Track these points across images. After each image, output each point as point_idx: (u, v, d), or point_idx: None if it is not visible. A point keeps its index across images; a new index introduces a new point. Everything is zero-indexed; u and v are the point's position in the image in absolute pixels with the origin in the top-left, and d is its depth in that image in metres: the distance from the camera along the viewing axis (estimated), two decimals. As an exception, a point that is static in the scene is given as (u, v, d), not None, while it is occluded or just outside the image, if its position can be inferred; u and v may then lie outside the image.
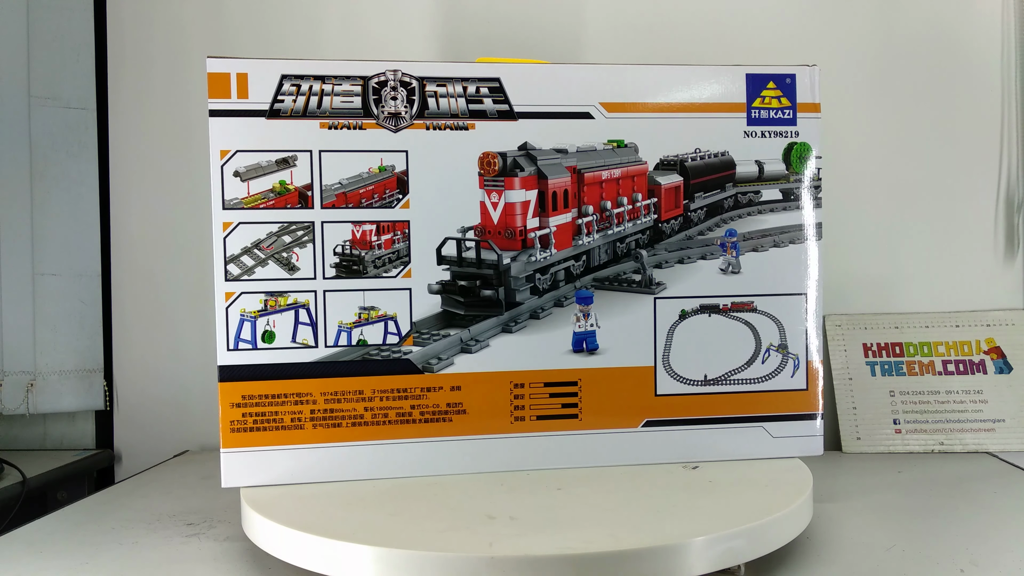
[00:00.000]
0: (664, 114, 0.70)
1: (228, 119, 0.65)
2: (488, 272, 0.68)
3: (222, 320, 0.65)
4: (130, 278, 1.08)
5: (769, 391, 0.71)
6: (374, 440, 0.67)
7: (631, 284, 0.71)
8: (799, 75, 0.71)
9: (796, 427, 0.71)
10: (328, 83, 0.66)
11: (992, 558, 0.59)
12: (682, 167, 0.71)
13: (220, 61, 0.65)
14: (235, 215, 0.65)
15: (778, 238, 0.72)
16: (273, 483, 0.66)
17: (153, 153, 1.07)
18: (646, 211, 0.72)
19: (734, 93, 0.70)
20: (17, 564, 0.63)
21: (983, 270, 0.98)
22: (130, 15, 1.07)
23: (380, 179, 0.66)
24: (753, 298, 0.71)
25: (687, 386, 0.70)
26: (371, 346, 0.67)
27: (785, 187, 0.72)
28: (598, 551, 0.50)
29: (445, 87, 0.67)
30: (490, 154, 0.67)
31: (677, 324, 0.70)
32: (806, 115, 0.71)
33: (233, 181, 0.65)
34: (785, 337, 0.71)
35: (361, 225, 0.66)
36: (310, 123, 0.66)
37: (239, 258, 0.65)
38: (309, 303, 0.66)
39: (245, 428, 0.66)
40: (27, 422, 1.08)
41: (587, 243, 0.70)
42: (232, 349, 0.66)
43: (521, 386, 0.68)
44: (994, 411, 0.92)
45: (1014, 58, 0.97)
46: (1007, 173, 0.97)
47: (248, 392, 0.66)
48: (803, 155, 0.71)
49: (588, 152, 0.69)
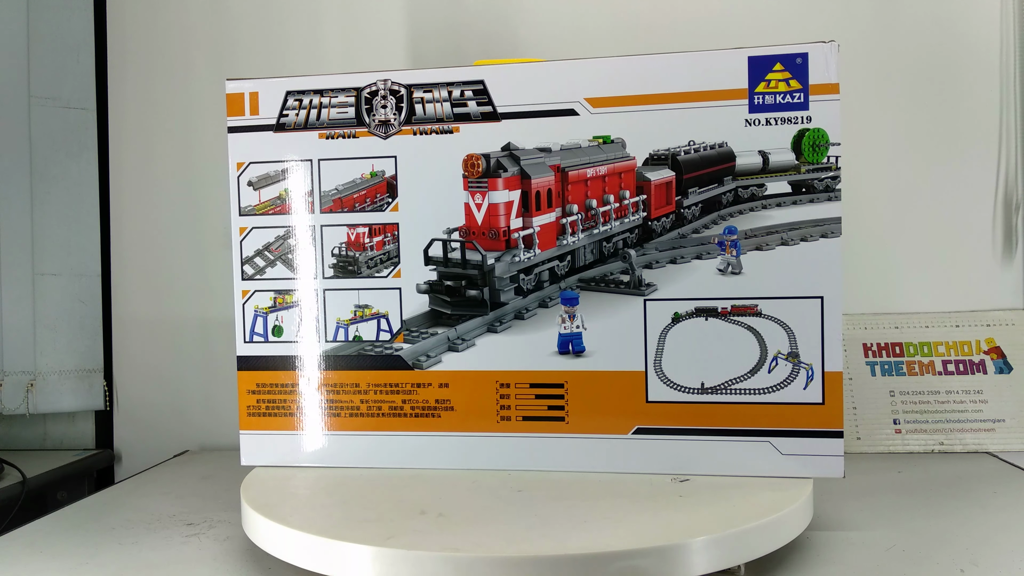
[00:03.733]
0: (653, 106, 0.66)
1: (242, 134, 0.72)
2: (473, 272, 0.69)
3: (239, 315, 0.72)
4: (130, 278, 1.08)
5: (777, 403, 0.65)
6: (369, 431, 0.70)
7: (619, 285, 0.68)
8: (812, 54, 0.63)
9: (811, 445, 0.64)
10: (326, 96, 0.70)
11: (992, 558, 0.59)
12: (674, 161, 0.66)
13: (236, 83, 0.72)
14: (249, 221, 0.72)
15: (786, 235, 0.65)
16: (282, 464, 0.71)
17: (153, 153, 1.07)
18: (634, 209, 0.68)
19: (733, 79, 0.65)
20: (17, 564, 0.63)
21: (982, 270, 0.98)
22: (130, 15, 1.07)
23: (371, 184, 0.70)
24: (757, 301, 0.65)
25: (682, 393, 0.66)
26: (366, 342, 0.70)
27: (795, 179, 0.65)
28: (598, 551, 0.50)
29: (431, 92, 0.69)
30: (474, 156, 0.68)
31: (670, 328, 0.66)
32: (822, 97, 0.63)
33: (247, 190, 0.72)
34: (796, 345, 0.64)
35: (355, 228, 0.70)
36: (310, 134, 0.70)
37: (252, 259, 0.72)
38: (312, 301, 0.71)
39: (259, 413, 0.72)
40: (27, 422, 1.08)
41: (571, 243, 0.69)
42: (248, 341, 0.72)
43: (507, 386, 0.68)
44: (994, 411, 0.92)
45: (1013, 58, 0.97)
46: (1005, 173, 0.97)
47: (261, 381, 0.72)
48: (817, 142, 0.64)
49: (572, 150, 0.67)
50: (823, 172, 0.65)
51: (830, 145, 0.64)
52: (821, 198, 0.65)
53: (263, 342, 0.72)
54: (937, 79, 0.97)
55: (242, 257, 0.72)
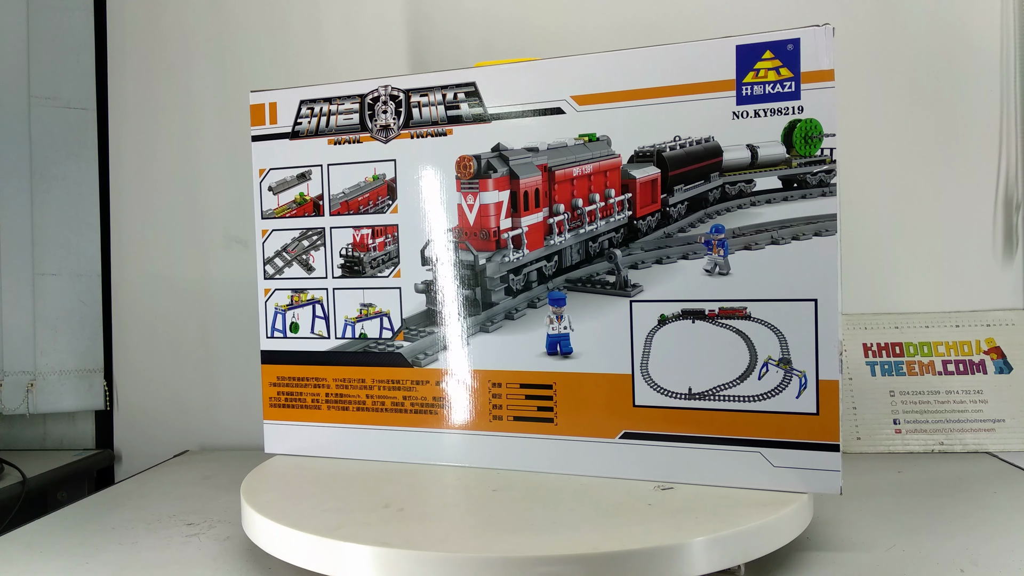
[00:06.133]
0: (638, 101, 0.63)
1: (264, 143, 0.76)
2: (466, 272, 0.69)
3: (262, 312, 0.77)
4: (130, 278, 1.08)
5: (769, 412, 0.61)
6: (373, 425, 0.73)
7: (605, 286, 0.66)
8: (805, 39, 0.60)
9: (805, 457, 0.60)
10: (334, 103, 0.73)
11: (992, 558, 0.59)
12: (659, 158, 0.64)
13: (258, 94, 0.76)
14: (269, 224, 0.76)
15: (777, 234, 0.61)
16: (298, 453, 0.76)
17: (153, 153, 1.07)
18: (619, 207, 0.66)
19: (720, 70, 0.61)
20: (17, 564, 0.63)
21: (982, 270, 0.98)
22: (130, 15, 1.07)
23: (374, 187, 0.72)
24: (746, 303, 0.61)
25: (669, 399, 0.64)
26: (370, 339, 0.73)
27: (786, 174, 0.61)
28: (598, 551, 0.50)
29: (427, 96, 0.70)
30: (466, 157, 0.68)
31: (656, 330, 0.64)
32: (814, 85, 0.59)
33: (268, 195, 0.76)
34: (787, 350, 0.60)
35: (360, 230, 0.73)
36: (321, 140, 0.74)
37: (272, 260, 0.76)
38: (323, 299, 0.75)
39: (280, 404, 0.76)
40: (27, 422, 1.08)
41: (558, 243, 0.68)
42: (269, 337, 0.77)
43: (499, 385, 0.69)
44: (994, 411, 0.92)
45: (1013, 58, 0.97)
46: (1006, 172, 0.97)
47: (281, 374, 0.76)
48: (810, 134, 0.60)
49: (558, 149, 0.66)
50: (816, 166, 0.60)
51: (823, 136, 0.60)
52: (814, 194, 0.60)
53: (282, 338, 0.76)
54: (937, 79, 0.97)
55: (264, 258, 0.76)
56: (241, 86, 1.05)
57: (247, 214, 1.06)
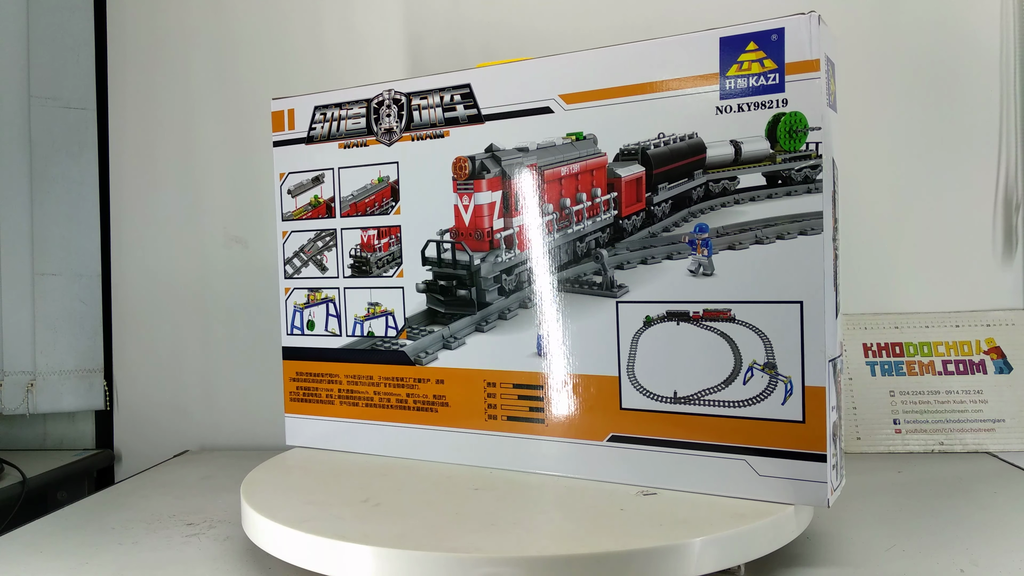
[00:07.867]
0: (624, 98, 0.62)
1: (284, 148, 0.79)
2: (462, 272, 0.70)
3: (283, 310, 0.81)
4: (130, 278, 1.08)
5: (753, 419, 0.59)
6: (381, 421, 0.75)
7: (592, 286, 0.65)
8: (789, 28, 0.56)
9: (790, 467, 0.57)
10: (344, 108, 0.75)
11: (992, 558, 0.59)
12: (643, 156, 0.62)
13: (279, 101, 0.79)
14: (288, 225, 0.79)
15: (761, 233, 0.58)
16: (314, 446, 0.79)
17: (153, 153, 1.07)
18: (605, 207, 0.65)
19: (704, 64, 0.59)
20: (17, 564, 0.63)
21: (982, 270, 0.98)
22: (130, 15, 1.08)
23: (379, 189, 0.74)
24: (730, 305, 0.59)
25: (655, 402, 0.62)
26: (377, 337, 0.75)
27: (770, 170, 0.58)
28: (599, 551, 0.50)
29: (426, 99, 0.71)
30: (461, 159, 0.69)
31: (641, 332, 0.63)
32: (798, 77, 0.56)
33: (287, 198, 0.79)
34: (772, 354, 0.58)
35: (367, 231, 0.75)
36: (332, 145, 0.76)
37: (291, 260, 0.80)
38: (335, 298, 0.78)
39: (299, 398, 0.80)
40: (27, 422, 1.08)
41: (548, 243, 0.67)
42: (289, 334, 0.80)
43: (493, 385, 0.69)
44: (994, 411, 0.92)
45: (1013, 58, 0.97)
46: (1006, 172, 0.97)
47: (300, 370, 0.80)
48: (794, 127, 0.57)
49: (547, 148, 0.66)
50: (801, 161, 0.57)
51: (809, 130, 0.57)
52: (799, 190, 0.57)
53: (300, 335, 0.79)
54: (937, 79, 0.97)
55: (284, 258, 0.80)
56: (241, 86, 1.05)
57: (247, 214, 1.07)
